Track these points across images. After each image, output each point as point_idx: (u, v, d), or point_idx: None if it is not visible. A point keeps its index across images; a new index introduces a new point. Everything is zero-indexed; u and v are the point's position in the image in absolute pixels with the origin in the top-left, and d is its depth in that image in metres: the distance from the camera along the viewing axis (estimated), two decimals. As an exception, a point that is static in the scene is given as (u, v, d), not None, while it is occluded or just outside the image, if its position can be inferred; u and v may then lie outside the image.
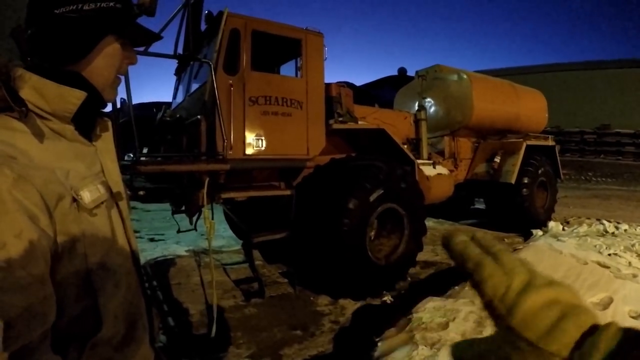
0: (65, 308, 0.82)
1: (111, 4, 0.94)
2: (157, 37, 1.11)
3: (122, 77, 1.09)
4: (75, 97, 0.90)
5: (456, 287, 3.50)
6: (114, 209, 0.99)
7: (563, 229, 6.31)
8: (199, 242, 6.95)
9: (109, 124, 1.08)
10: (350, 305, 4.50)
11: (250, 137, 4.34)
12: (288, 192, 4.87)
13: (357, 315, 4.30)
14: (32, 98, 0.86)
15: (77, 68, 0.94)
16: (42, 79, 0.87)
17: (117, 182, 1.04)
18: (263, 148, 4.42)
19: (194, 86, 5.04)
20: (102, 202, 0.93)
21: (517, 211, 7.82)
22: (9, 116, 0.81)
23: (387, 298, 4.70)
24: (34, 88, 0.86)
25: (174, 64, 5.91)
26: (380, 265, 4.79)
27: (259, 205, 5.09)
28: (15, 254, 0.70)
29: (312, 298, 4.70)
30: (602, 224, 6.69)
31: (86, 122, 0.99)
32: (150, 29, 1.07)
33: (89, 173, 0.93)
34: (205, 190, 3.96)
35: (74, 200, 0.84)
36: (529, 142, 8.15)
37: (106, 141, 1.06)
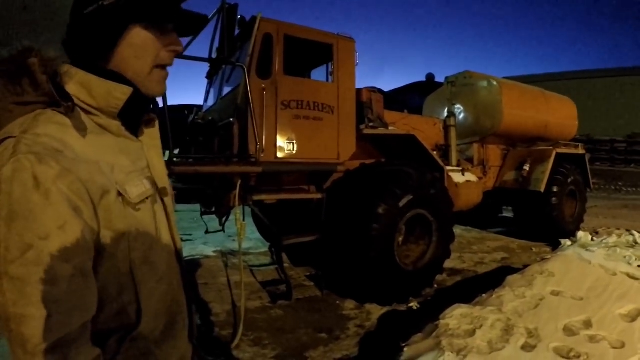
0: (106, 301, 0.83)
1: None
2: (202, 18, 1.02)
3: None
4: (121, 93, 0.90)
5: (483, 295, 3.47)
6: (158, 205, 0.99)
7: (592, 239, 6.14)
8: (226, 243, 6.99)
9: (155, 120, 1.08)
10: (376, 310, 4.50)
11: (282, 140, 4.38)
12: (319, 196, 4.89)
13: (383, 320, 4.30)
14: (78, 93, 0.87)
15: (111, 65, 0.92)
16: (88, 74, 0.88)
17: (162, 178, 1.04)
18: (294, 152, 4.45)
19: (226, 90, 5.09)
20: (147, 197, 0.93)
21: (545, 220, 7.67)
22: (55, 111, 0.82)
23: (414, 304, 4.67)
24: (80, 84, 0.87)
25: (202, 67, 5.96)
26: (408, 271, 4.79)
27: (287, 208, 5.13)
28: (58, 245, 0.71)
29: (338, 302, 4.71)
30: (632, 234, 6.50)
31: (132, 117, 0.98)
32: (192, 11, 0.99)
33: (134, 168, 0.93)
34: (237, 192, 4.00)
35: (119, 194, 0.85)
36: (559, 150, 7.99)
37: (152, 137, 1.06)
